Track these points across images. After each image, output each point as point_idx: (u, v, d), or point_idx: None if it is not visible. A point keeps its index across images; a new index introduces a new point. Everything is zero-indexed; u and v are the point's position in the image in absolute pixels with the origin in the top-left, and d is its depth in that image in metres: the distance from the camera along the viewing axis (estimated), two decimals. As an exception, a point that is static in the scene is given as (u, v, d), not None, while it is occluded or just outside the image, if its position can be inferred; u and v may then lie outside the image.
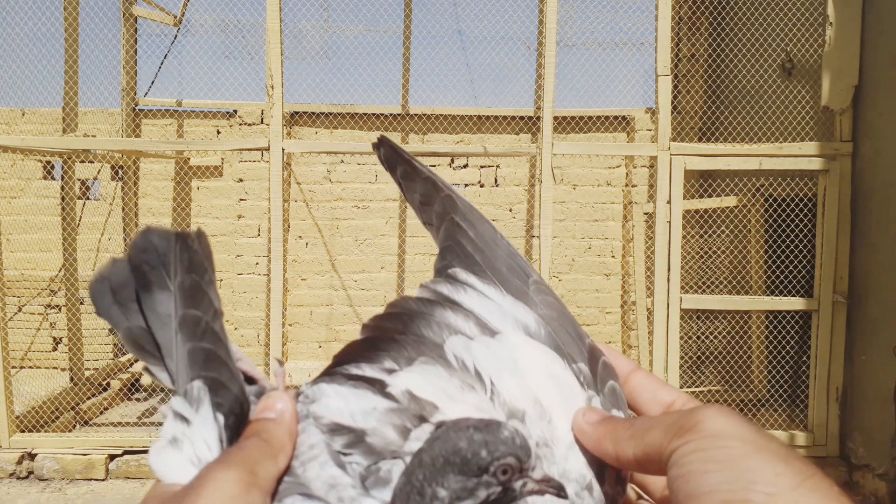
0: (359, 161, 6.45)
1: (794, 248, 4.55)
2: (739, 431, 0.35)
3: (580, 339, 0.48)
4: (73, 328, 5.04)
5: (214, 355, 0.42)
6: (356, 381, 0.44)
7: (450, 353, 0.45)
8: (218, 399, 0.40)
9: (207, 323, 0.43)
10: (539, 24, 5.65)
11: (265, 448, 0.39)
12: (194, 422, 0.40)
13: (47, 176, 6.38)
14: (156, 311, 0.43)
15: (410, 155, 0.55)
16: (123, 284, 0.43)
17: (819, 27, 4.35)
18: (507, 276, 0.50)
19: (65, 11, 4.82)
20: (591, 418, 0.43)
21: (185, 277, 0.43)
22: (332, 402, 0.43)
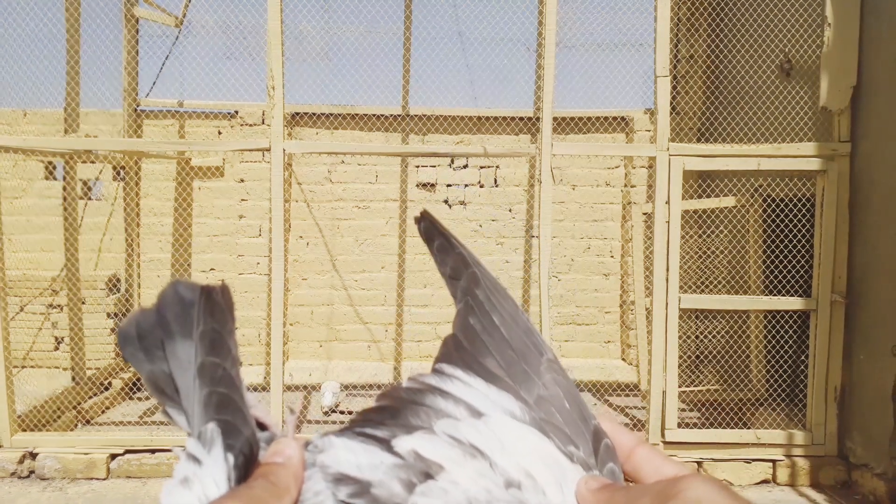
0: (359, 161, 6.47)
1: (792, 248, 4.56)
2: (716, 498, 0.39)
3: (583, 421, 0.50)
4: (74, 328, 5.06)
5: (230, 400, 0.44)
6: (365, 438, 0.46)
7: (440, 433, 0.47)
8: (230, 441, 0.43)
9: (225, 370, 0.45)
10: (538, 26, 5.68)
11: (271, 489, 0.41)
12: (205, 462, 0.42)
13: (49, 176, 6.40)
14: (177, 356, 0.46)
15: (447, 230, 0.57)
16: (149, 331, 0.46)
17: (818, 28, 4.36)
18: (512, 358, 0.52)
19: (66, 12, 4.84)
20: (592, 485, 0.46)
21: (207, 327, 0.46)
22: (340, 453, 0.45)
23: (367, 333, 6.58)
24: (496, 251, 6.58)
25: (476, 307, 0.53)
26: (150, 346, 0.46)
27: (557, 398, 0.50)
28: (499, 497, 0.42)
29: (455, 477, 0.43)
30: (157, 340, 0.46)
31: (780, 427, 4.49)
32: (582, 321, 6.67)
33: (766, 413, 4.85)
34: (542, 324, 4.24)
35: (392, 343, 6.60)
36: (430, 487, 0.42)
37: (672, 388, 4.24)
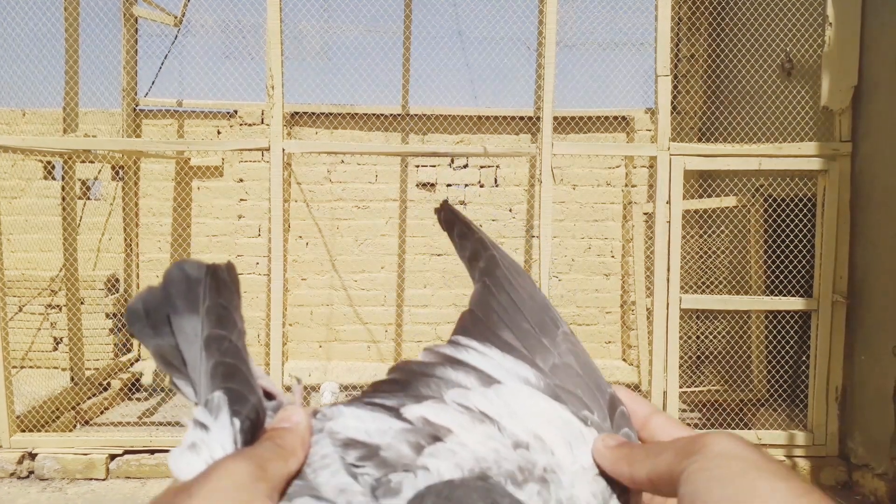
0: (359, 161, 6.45)
1: (793, 248, 4.55)
2: (742, 452, 0.38)
3: (598, 389, 0.51)
4: (73, 328, 5.04)
5: (236, 369, 0.45)
6: (374, 407, 0.47)
7: (450, 402, 0.47)
8: (236, 407, 0.43)
9: (231, 342, 0.46)
10: (539, 25, 5.66)
11: (277, 450, 0.41)
12: (212, 428, 0.42)
13: (48, 176, 6.39)
14: (184, 331, 0.47)
15: (467, 218, 0.59)
16: (156, 307, 0.48)
17: (819, 27, 4.35)
18: (528, 330, 0.53)
19: (65, 12, 4.82)
20: (610, 442, 0.46)
21: (213, 302, 0.48)
22: (349, 420, 0.46)
23: (366, 334, 6.57)
24: (496, 251, 6.56)
25: (493, 286, 0.54)
26: (157, 321, 0.48)
27: (572, 367, 0.51)
28: (506, 457, 0.43)
29: (463, 439, 0.44)
30: (164, 316, 0.48)
31: (780, 427, 4.48)
32: (582, 321, 6.66)
33: (766, 413, 4.84)
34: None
35: (392, 343, 6.59)
36: (438, 449, 0.43)
37: (673, 388, 4.23)
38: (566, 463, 0.45)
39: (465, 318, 0.54)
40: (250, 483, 0.37)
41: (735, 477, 0.37)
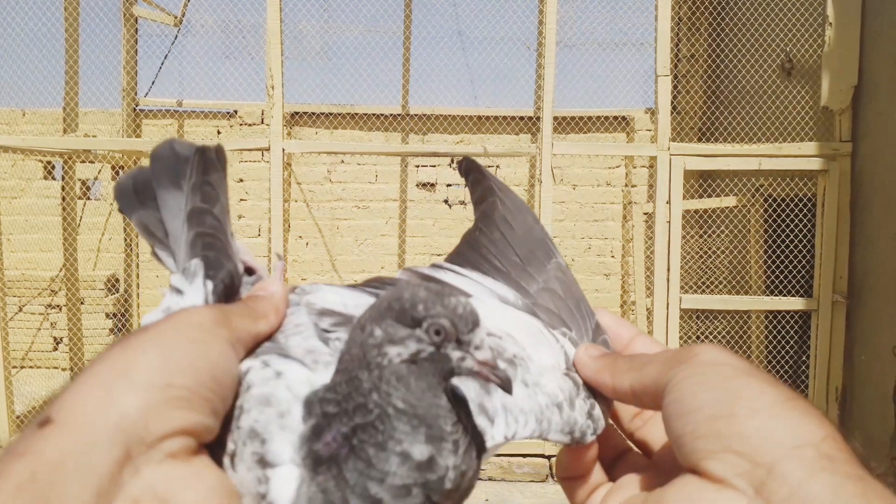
0: (359, 161, 6.45)
1: (793, 248, 4.55)
2: (730, 360, 0.38)
3: (582, 315, 0.52)
4: (73, 328, 5.04)
5: (215, 239, 0.46)
6: (353, 288, 0.48)
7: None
8: (211, 271, 0.44)
9: (213, 215, 0.48)
10: (539, 25, 5.66)
11: (247, 310, 0.41)
12: (187, 292, 0.43)
13: (48, 176, 6.39)
14: (168, 204, 0.49)
15: (486, 169, 0.61)
16: (145, 184, 0.50)
17: (819, 27, 4.35)
18: (515, 261, 0.54)
19: (65, 12, 4.82)
20: (593, 352, 0.46)
21: (199, 179, 0.49)
22: (327, 294, 0.46)
23: (366, 333, 6.57)
24: (496, 251, 6.56)
25: (485, 227, 0.56)
26: (144, 196, 0.49)
27: (555, 291, 0.53)
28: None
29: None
30: (151, 191, 0.49)
31: (781, 427, 4.47)
32: (582, 321, 6.66)
33: (766, 413, 4.83)
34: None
35: (392, 343, 6.59)
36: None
37: (673, 388, 4.23)
38: (536, 357, 0.46)
39: (452, 252, 0.56)
40: (211, 325, 0.37)
41: (722, 381, 0.36)
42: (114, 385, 0.32)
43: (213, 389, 0.35)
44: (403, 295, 0.38)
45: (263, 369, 0.39)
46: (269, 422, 0.37)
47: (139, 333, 0.36)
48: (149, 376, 0.33)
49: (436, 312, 0.37)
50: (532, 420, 0.43)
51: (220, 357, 0.36)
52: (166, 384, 0.33)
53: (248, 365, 0.39)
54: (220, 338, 0.37)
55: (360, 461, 0.35)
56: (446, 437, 0.36)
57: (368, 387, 0.36)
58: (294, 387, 0.38)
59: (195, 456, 0.34)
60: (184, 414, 0.33)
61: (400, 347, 0.37)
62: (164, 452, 0.32)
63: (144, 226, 0.49)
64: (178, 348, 0.34)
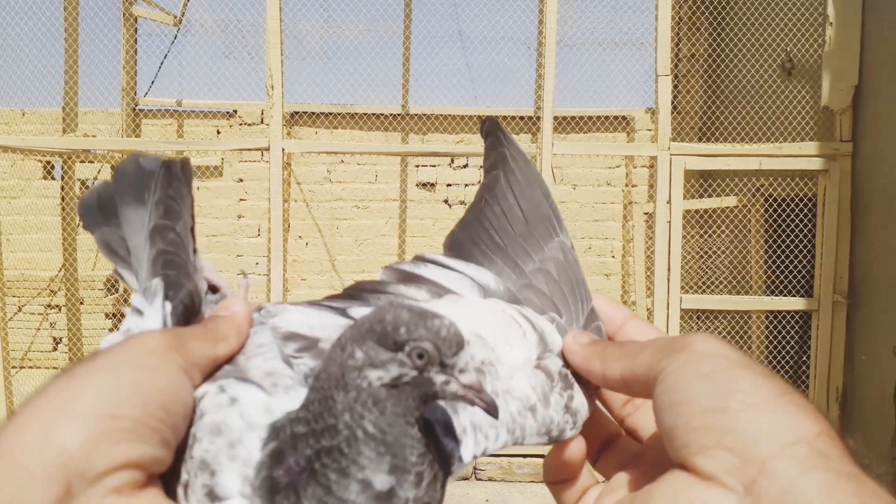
0: (359, 161, 6.45)
1: (794, 248, 4.55)
2: (726, 351, 0.37)
3: (577, 299, 0.51)
4: (73, 328, 5.03)
5: (177, 257, 0.45)
6: (320, 307, 0.47)
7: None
8: (171, 291, 0.43)
9: (176, 233, 0.47)
10: (539, 24, 5.65)
11: (206, 333, 0.40)
12: (147, 313, 0.42)
13: (47, 176, 6.38)
14: (130, 220, 0.49)
15: (507, 132, 0.60)
16: (109, 199, 0.49)
17: (819, 27, 4.35)
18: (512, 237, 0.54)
19: (65, 11, 4.82)
20: (582, 339, 0.45)
21: (163, 194, 0.48)
22: (293, 316, 0.45)
23: (366, 333, 6.57)
24: (496, 251, 6.56)
25: (489, 198, 0.56)
26: (107, 212, 0.49)
27: (550, 273, 0.52)
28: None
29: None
30: (115, 206, 0.49)
31: (781, 428, 4.47)
32: (582, 321, 6.66)
33: (767, 413, 4.83)
34: (543, 324, 4.23)
35: (392, 343, 6.60)
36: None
37: (673, 388, 4.23)
38: (506, 358, 0.45)
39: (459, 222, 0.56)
40: (163, 351, 0.35)
41: (718, 373, 0.35)
42: (53, 417, 0.31)
43: (162, 419, 0.33)
44: (386, 317, 0.37)
45: (218, 395, 0.38)
46: (218, 452, 0.36)
47: (87, 361, 0.35)
48: (91, 408, 0.31)
49: (418, 335, 0.36)
50: (503, 432, 0.42)
51: (170, 384, 0.35)
52: (110, 415, 0.31)
53: (203, 390, 0.38)
54: (171, 364, 0.36)
55: (320, 487, 0.34)
56: (409, 469, 0.36)
57: (342, 408, 0.35)
58: (248, 414, 0.37)
59: (143, 489, 0.33)
60: (129, 446, 0.32)
61: (381, 371, 0.36)
62: (107, 488, 0.31)
63: (106, 243, 0.49)
64: (125, 377, 0.33)
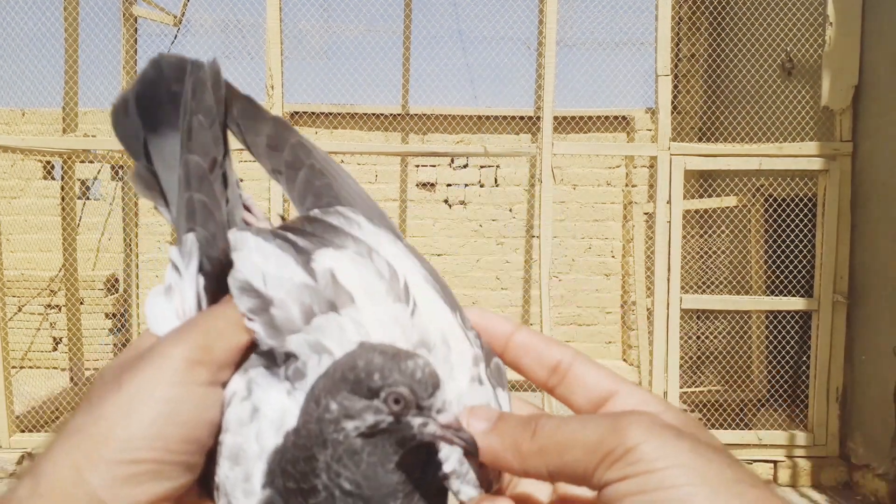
0: (359, 161, 6.45)
1: (794, 248, 4.54)
2: (680, 458, 0.31)
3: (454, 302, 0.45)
4: (73, 328, 5.04)
5: (206, 208, 0.42)
6: (282, 243, 0.41)
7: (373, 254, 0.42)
8: (204, 257, 0.41)
9: (205, 171, 0.43)
10: (539, 24, 5.65)
11: (236, 316, 0.39)
12: (184, 276, 0.41)
13: (47, 176, 6.38)
14: (163, 154, 0.44)
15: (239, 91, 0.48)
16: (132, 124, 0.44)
17: (819, 27, 4.35)
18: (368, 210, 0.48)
19: (65, 11, 4.82)
20: (480, 427, 0.37)
21: (193, 119, 0.43)
22: (252, 256, 0.41)
23: (366, 333, 6.57)
24: (496, 251, 6.57)
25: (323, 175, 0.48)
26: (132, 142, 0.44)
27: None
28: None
29: (362, 316, 0.39)
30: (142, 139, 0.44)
31: (781, 428, 4.47)
32: (583, 322, 6.65)
33: (767, 414, 4.84)
34: (543, 324, 4.22)
35: (392, 343, 6.59)
36: (328, 321, 0.38)
37: (673, 388, 4.23)
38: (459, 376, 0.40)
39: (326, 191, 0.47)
40: (186, 371, 0.36)
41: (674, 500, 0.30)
42: (82, 462, 0.34)
43: (185, 450, 0.36)
44: (358, 363, 0.36)
45: (242, 403, 0.38)
46: (235, 485, 0.36)
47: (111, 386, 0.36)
48: (116, 453, 0.34)
49: (393, 381, 0.35)
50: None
51: (192, 414, 0.36)
52: (133, 461, 0.34)
53: (231, 390, 0.38)
54: (195, 386, 0.36)
55: None
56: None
57: (322, 467, 0.35)
58: (263, 435, 0.37)
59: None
60: (152, 485, 0.34)
61: (357, 421, 0.35)
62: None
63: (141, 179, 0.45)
64: (147, 416, 0.35)
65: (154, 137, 0.44)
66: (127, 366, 0.37)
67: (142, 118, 0.44)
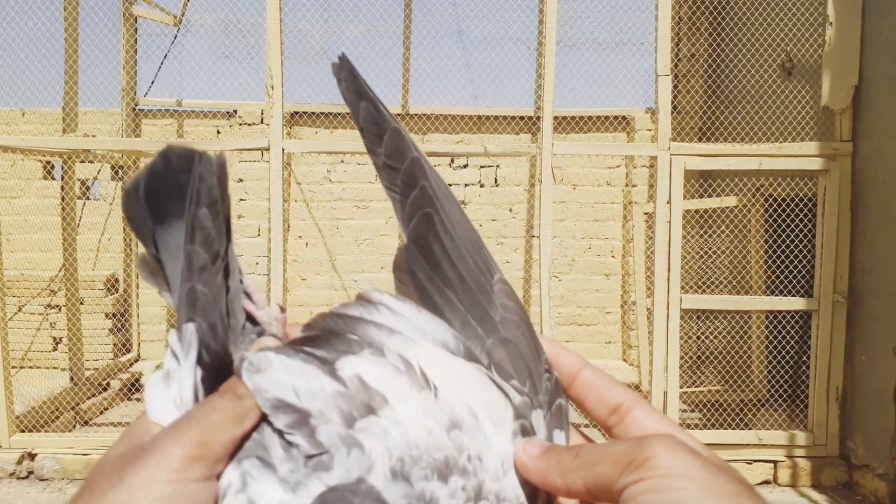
0: (359, 161, 6.45)
1: (794, 247, 4.55)
2: (690, 469, 0.36)
3: (535, 352, 0.46)
4: (72, 328, 5.04)
5: (207, 299, 0.43)
6: (306, 357, 0.42)
7: (390, 353, 0.43)
8: (203, 348, 0.41)
9: (207, 262, 0.43)
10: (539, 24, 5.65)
11: (232, 409, 0.39)
12: (183, 365, 0.41)
13: (47, 176, 6.38)
14: (168, 243, 0.45)
15: (372, 91, 0.48)
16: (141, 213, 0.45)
17: (819, 27, 4.35)
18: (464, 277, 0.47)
19: (65, 11, 4.82)
20: (532, 451, 0.42)
21: (198, 211, 0.43)
22: (278, 375, 0.41)
23: (366, 333, 6.57)
24: (496, 251, 6.57)
25: (435, 214, 0.46)
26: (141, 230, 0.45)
27: (513, 326, 0.46)
28: (438, 444, 0.40)
29: (398, 415, 0.40)
30: (149, 228, 0.45)
31: (781, 428, 4.47)
32: (583, 322, 6.65)
33: (767, 414, 4.84)
34: (543, 324, 4.22)
35: (392, 343, 6.60)
36: (370, 425, 0.39)
37: (673, 388, 4.23)
38: (497, 444, 0.42)
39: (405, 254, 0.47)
40: (183, 470, 0.37)
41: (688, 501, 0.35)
42: None
43: None
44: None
45: (238, 496, 0.38)
46: None
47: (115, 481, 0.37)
48: None
49: None
50: None
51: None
52: None
53: (226, 483, 0.38)
54: (193, 480, 0.38)
55: None
56: None
57: None
58: None
59: None
60: None
61: None
62: None
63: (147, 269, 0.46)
64: None
65: (160, 227, 0.45)
66: (127, 459, 0.38)
67: (149, 209, 0.45)
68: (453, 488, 0.39)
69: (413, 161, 0.47)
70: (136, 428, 0.41)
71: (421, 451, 0.39)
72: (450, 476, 0.39)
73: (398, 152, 0.47)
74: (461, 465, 0.40)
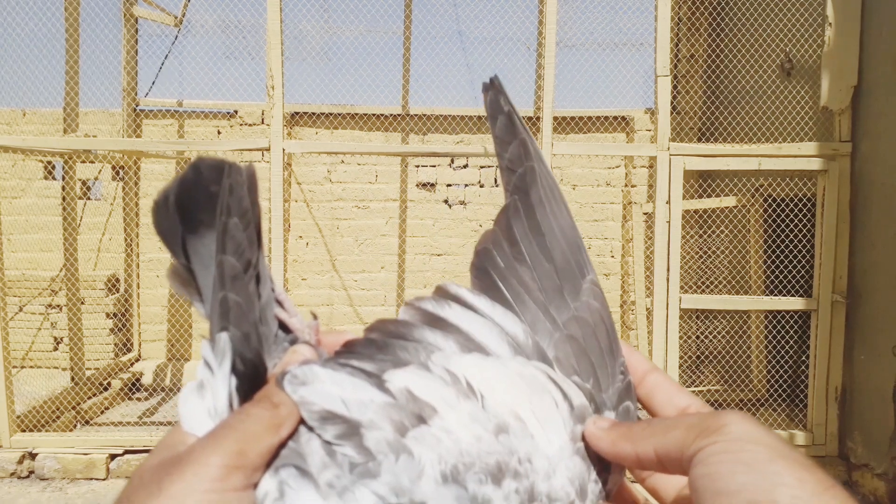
0: (359, 161, 6.45)
1: (793, 248, 4.55)
2: (764, 438, 0.37)
3: (610, 353, 0.47)
4: (73, 328, 5.05)
5: (240, 308, 0.43)
6: (352, 370, 0.43)
7: (435, 367, 0.44)
8: (237, 357, 0.41)
9: (240, 272, 0.43)
10: (539, 25, 5.67)
11: (269, 418, 0.39)
12: (217, 374, 0.41)
13: (48, 176, 6.39)
14: (199, 253, 0.45)
15: (514, 108, 0.52)
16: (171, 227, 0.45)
17: (819, 27, 4.35)
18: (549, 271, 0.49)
19: (65, 12, 4.83)
20: (602, 424, 0.43)
21: (228, 220, 0.44)
22: (325, 387, 0.41)
23: (366, 333, 6.57)
24: (496, 251, 6.56)
25: (523, 208, 0.49)
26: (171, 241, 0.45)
27: (587, 324, 0.47)
28: (489, 449, 0.40)
29: (447, 423, 0.41)
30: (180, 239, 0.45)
31: (780, 427, 4.48)
32: (582, 321, 6.65)
33: (766, 413, 4.84)
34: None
35: (392, 343, 6.60)
36: (423, 434, 0.40)
37: (673, 388, 4.23)
38: (544, 445, 0.42)
39: (488, 238, 0.49)
40: (222, 478, 0.37)
41: (761, 463, 0.36)
42: None
43: None
44: None
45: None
46: None
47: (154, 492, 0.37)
48: None
49: None
50: None
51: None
52: None
53: (263, 490, 0.38)
54: (231, 490, 0.37)
55: None
56: None
57: None
58: None
59: None
60: None
61: None
62: None
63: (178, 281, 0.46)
64: None
65: (191, 237, 0.45)
66: (165, 469, 0.38)
67: (181, 219, 0.45)
68: (507, 491, 0.39)
69: (528, 168, 0.50)
70: (170, 439, 0.41)
71: (473, 458, 0.39)
72: (503, 479, 0.39)
73: (519, 159, 0.51)
74: (513, 468, 0.40)
